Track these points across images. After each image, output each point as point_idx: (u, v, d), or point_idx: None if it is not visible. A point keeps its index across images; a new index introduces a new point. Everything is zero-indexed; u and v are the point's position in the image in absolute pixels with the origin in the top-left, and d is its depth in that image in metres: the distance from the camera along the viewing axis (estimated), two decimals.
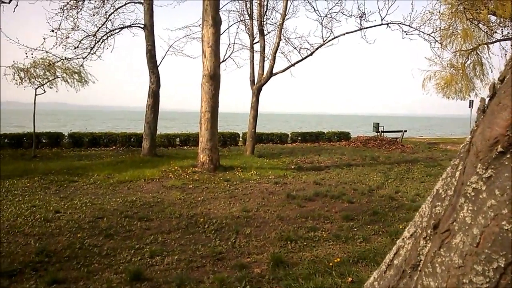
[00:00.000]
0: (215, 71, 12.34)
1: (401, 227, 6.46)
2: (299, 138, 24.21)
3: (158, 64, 16.10)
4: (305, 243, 5.65)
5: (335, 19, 15.59)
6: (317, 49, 15.82)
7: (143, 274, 4.45)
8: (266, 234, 6.09)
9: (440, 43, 15.89)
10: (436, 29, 15.77)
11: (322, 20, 15.59)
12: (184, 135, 21.23)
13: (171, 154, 16.77)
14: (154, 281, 4.36)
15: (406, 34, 15.00)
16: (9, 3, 12.76)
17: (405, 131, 25.32)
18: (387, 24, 14.93)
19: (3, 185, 9.44)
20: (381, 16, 14.63)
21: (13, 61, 15.25)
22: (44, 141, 17.94)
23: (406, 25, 14.84)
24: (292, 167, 13.53)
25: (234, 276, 4.46)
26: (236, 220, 6.87)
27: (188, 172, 11.82)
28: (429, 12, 15.93)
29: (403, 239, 1.01)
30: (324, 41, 15.70)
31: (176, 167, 12.40)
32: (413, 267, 0.94)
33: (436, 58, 19.47)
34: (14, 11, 13.01)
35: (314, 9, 15.70)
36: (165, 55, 17.83)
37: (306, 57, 16.12)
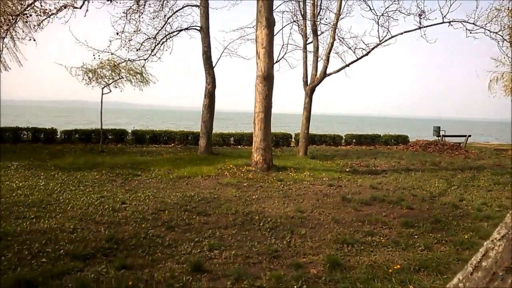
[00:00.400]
0: (269, 72, 12.45)
1: (466, 237, 6.16)
2: (354, 141, 23.72)
3: (213, 65, 16.54)
4: (362, 248, 5.57)
5: (392, 17, 15.09)
6: (373, 49, 15.42)
7: (203, 266, 4.63)
8: (322, 236, 6.07)
9: (510, 42, 14.84)
10: (504, 27, 14.74)
11: (378, 19, 15.17)
12: (238, 135, 21.60)
13: (226, 152, 17.14)
14: (213, 273, 4.51)
15: (470, 33, 14.17)
16: (80, 8, 13.69)
17: (469, 135, 23.93)
18: (449, 22, 14.20)
19: (75, 176, 10.20)
20: (442, 14, 13.94)
21: (83, 63, 16.37)
22: (110, 137, 19.10)
23: (470, 23, 14.03)
24: (347, 169, 13.31)
25: (290, 275, 4.50)
26: (290, 220, 6.91)
27: (243, 170, 12.03)
28: (496, 9, 14.93)
29: (492, 240, 1.00)
30: (380, 41, 15.27)
31: (231, 166, 12.67)
32: (506, 269, 0.93)
33: (504, 58, 18.20)
34: (85, 15, 13.95)
35: (370, 8, 15.16)
36: (220, 56, 18.23)
37: (362, 57, 15.77)
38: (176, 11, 16.62)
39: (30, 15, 12.95)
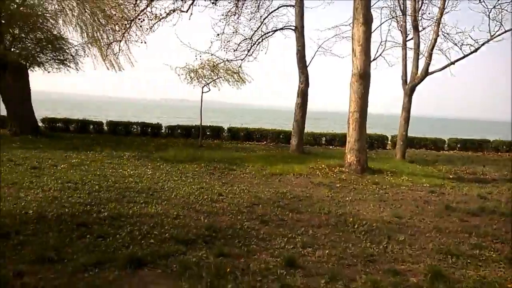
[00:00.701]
0: (365, 70, 12.02)
1: None
2: (458, 145, 21.84)
3: (307, 64, 16.48)
4: (468, 261, 5.11)
5: (506, 10, 13.55)
6: (483, 44, 14.04)
7: (296, 262, 4.66)
8: (422, 244, 5.70)
9: None
10: None
11: (489, 12, 13.74)
12: (330, 135, 21.28)
13: (317, 152, 17.00)
14: (307, 270, 4.52)
15: None
16: (186, 11, 14.63)
17: None
18: None
19: (178, 167, 10.99)
20: None
21: (185, 63, 17.49)
22: (208, 133, 20.19)
23: None
24: (450, 176, 12.31)
25: (387, 281, 4.32)
26: (387, 225, 6.61)
27: (335, 171, 11.83)
28: None
29: None
30: (492, 36, 13.82)
31: (323, 165, 12.54)
32: None
33: None
34: (189, 18, 14.88)
35: (479, 0, 13.81)
36: (314, 55, 18.08)
37: (470, 54, 14.45)
38: (272, 11, 16.95)
39: (143, 20, 14.24)
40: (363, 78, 12.04)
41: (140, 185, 8.49)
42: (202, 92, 17.47)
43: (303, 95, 16.38)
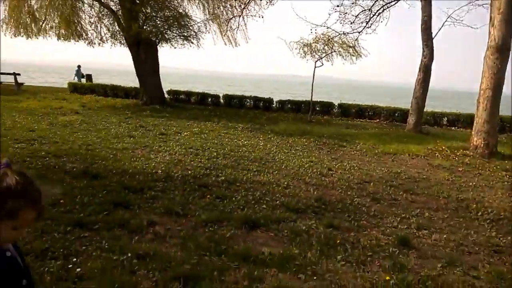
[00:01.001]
0: (505, 42, 10.55)
1: None
2: None
3: (433, 36, 15.09)
4: None
5: None
6: None
7: (410, 242, 4.48)
8: None
9: None
10: None
11: None
12: (453, 115, 19.42)
13: (437, 133, 15.71)
14: (422, 251, 4.32)
15: None
16: None
17: None
18: None
19: (287, 141, 11.23)
20: None
21: (300, 37, 17.42)
22: (317, 108, 20.06)
23: None
24: None
25: None
26: None
27: (457, 154, 10.84)
28: None
29: None
30: None
31: (443, 147, 11.58)
32: None
33: None
34: None
35: None
36: (442, 26, 16.45)
37: None
38: None
39: None
40: (501, 51, 10.63)
41: (253, 154, 8.91)
42: (315, 67, 17.33)
43: (425, 70, 15.14)
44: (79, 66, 26.80)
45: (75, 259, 3.53)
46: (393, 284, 3.48)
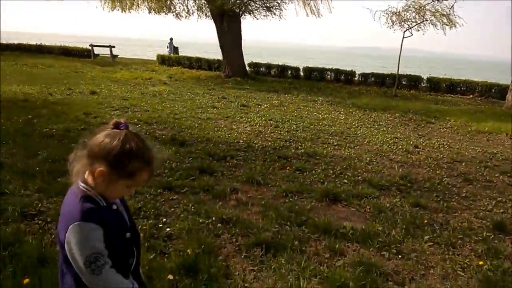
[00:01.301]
0: None
1: None
2: None
3: None
4: None
5: None
6: None
7: (507, 227, 4.12)
8: None
9: None
10: None
11: None
12: None
13: None
14: None
15: None
16: None
17: None
18: None
19: (370, 115, 10.81)
20: None
21: (388, 5, 16.33)
22: (403, 82, 18.90)
23: None
24: None
25: None
26: None
27: None
28: None
29: None
30: None
31: None
32: None
33: None
34: None
35: None
36: None
37: None
38: None
39: None
40: None
41: (333, 128, 8.73)
42: (403, 37, 16.22)
43: None
44: (171, 39, 27.94)
45: (164, 219, 3.79)
46: (487, 269, 3.25)
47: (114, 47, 24.48)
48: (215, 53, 22.18)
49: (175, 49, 27.59)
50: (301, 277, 2.93)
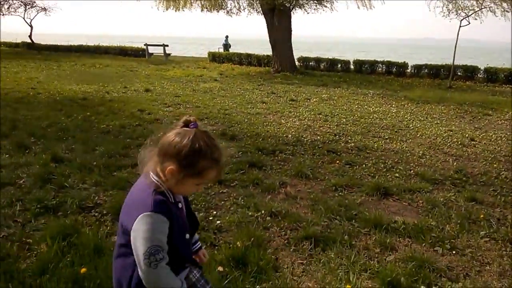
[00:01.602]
0: None
1: None
2: None
3: None
4: None
5: None
6: None
7: None
8: None
9: None
10: None
11: None
12: None
13: None
14: None
15: None
16: None
17: None
18: None
19: (423, 108, 10.44)
20: None
21: None
22: (459, 73, 18.00)
23: None
24: None
25: None
26: None
27: None
28: None
29: None
30: None
31: None
32: None
33: None
34: None
35: None
36: None
37: None
38: None
39: None
40: None
41: (384, 121, 8.55)
42: (460, 26, 15.42)
43: None
44: (227, 36, 28.42)
45: (214, 212, 3.90)
46: None
47: (167, 46, 25.36)
48: (265, 49, 22.30)
49: (224, 47, 28.03)
50: (350, 271, 2.95)
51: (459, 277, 2.98)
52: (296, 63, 20.21)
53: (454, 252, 3.32)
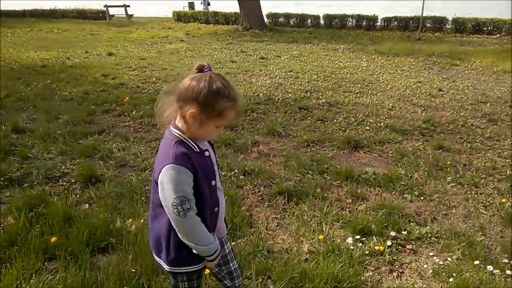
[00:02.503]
0: None
1: None
2: None
3: None
4: None
5: None
6: None
7: None
8: None
9: None
10: None
11: None
12: None
13: None
14: None
15: None
16: None
17: None
18: None
19: (393, 61, 10.50)
20: None
21: None
22: (428, 25, 18.04)
23: None
24: None
25: None
26: None
27: None
28: None
29: None
30: None
31: None
32: None
33: None
34: None
35: None
36: None
37: None
38: None
39: None
40: None
41: (355, 76, 8.56)
42: None
43: None
44: None
45: None
46: (510, 206, 3.25)
47: (129, 6, 24.18)
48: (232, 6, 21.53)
49: (190, 5, 26.75)
50: (323, 222, 3.02)
51: (427, 221, 3.09)
52: (265, 19, 19.73)
53: (422, 198, 3.44)
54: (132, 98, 6.51)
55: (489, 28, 17.22)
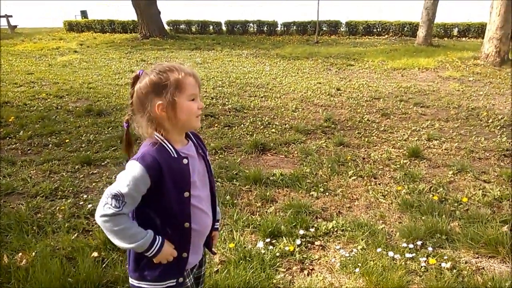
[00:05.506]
0: None
1: None
2: None
3: None
4: None
5: None
6: None
7: (421, 153, 4.47)
8: None
9: None
10: None
11: None
12: (464, 25, 18.52)
13: (448, 45, 15.13)
14: (432, 161, 4.32)
15: None
16: None
17: None
18: None
19: (294, 64, 10.94)
20: None
21: None
22: (324, 28, 19.22)
23: None
24: None
25: None
26: None
27: (468, 64, 10.55)
28: None
29: None
30: None
31: (453, 58, 11.26)
32: None
33: None
34: None
35: None
36: None
37: None
38: None
39: None
40: None
41: (259, 80, 8.72)
42: None
43: None
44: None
45: (85, 196, 3.53)
46: (405, 193, 3.51)
47: (11, 16, 21.96)
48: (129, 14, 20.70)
49: (83, 13, 25.18)
50: (234, 229, 2.95)
51: (333, 216, 3.19)
52: (166, 27, 19.31)
53: (327, 194, 3.56)
54: (19, 118, 5.85)
55: (378, 29, 18.91)
